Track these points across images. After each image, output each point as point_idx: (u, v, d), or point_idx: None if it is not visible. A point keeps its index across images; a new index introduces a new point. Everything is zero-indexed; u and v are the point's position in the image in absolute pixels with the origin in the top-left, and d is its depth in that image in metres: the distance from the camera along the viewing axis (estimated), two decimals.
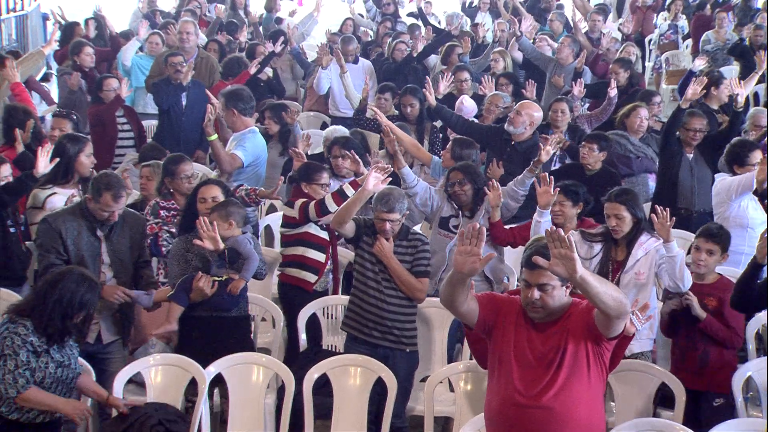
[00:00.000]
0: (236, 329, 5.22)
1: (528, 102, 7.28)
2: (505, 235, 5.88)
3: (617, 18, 13.98)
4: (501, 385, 3.84)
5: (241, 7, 12.72)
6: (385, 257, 5.16)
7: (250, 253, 5.15)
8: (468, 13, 13.53)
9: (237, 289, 5.11)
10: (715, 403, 4.93)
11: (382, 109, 8.28)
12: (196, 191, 5.47)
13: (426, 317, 5.51)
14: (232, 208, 5.20)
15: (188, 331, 5.17)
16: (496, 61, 9.67)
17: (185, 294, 5.07)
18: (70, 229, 5.02)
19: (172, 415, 4.63)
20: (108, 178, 5.08)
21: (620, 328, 3.75)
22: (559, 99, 7.68)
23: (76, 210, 5.13)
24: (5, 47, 13.36)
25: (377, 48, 11.20)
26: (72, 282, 4.35)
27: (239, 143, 6.77)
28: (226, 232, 5.13)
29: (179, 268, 5.19)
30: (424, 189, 6.01)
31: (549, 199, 5.53)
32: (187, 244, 5.19)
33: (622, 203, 5.15)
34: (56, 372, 4.37)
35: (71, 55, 9.04)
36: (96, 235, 5.09)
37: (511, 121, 6.93)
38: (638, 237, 5.14)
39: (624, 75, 8.59)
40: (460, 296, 3.79)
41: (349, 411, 4.89)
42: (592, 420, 3.82)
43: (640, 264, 5.11)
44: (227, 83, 8.37)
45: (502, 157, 6.81)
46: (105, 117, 7.91)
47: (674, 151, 6.90)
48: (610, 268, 5.14)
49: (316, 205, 5.73)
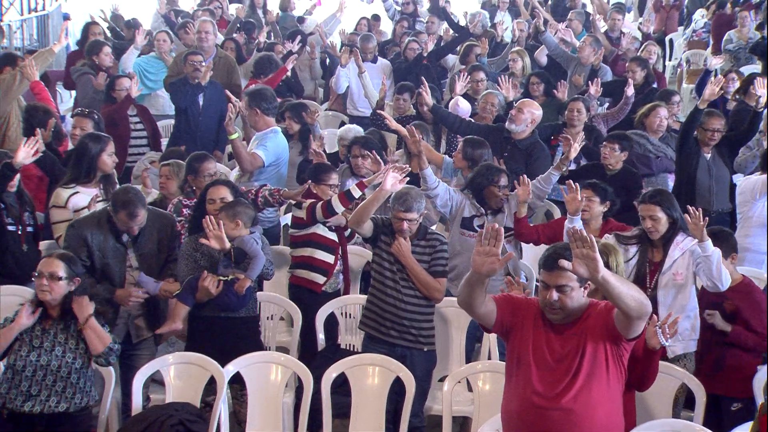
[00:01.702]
0: (244, 330, 5.24)
1: (529, 100, 7.30)
2: (530, 232, 5.88)
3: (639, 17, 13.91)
4: (519, 386, 3.83)
5: (260, 6, 12.76)
6: (402, 257, 5.16)
7: (256, 252, 5.16)
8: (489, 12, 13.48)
9: (242, 289, 5.12)
10: (733, 407, 4.89)
11: (401, 109, 8.29)
12: (204, 192, 5.50)
13: (444, 317, 5.51)
14: (239, 208, 5.22)
15: (197, 331, 5.21)
16: (514, 60, 9.64)
17: (191, 294, 5.10)
18: (96, 236, 5.09)
19: (193, 415, 4.66)
20: (126, 196, 5.09)
21: (640, 329, 3.73)
22: (575, 98, 7.65)
23: (102, 216, 5.19)
24: (26, 47, 13.47)
25: (394, 47, 11.21)
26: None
27: (261, 142, 6.79)
28: (233, 232, 5.15)
29: (187, 268, 5.21)
30: (445, 190, 6.01)
31: (578, 206, 5.50)
32: (195, 244, 5.21)
33: (657, 204, 5.11)
34: (37, 359, 4.43)
35: (89, 55, 9.02)
36: (121, 241, 5.14)
37: (513, 118, 6.93)
38: (674, 237, 5.11)
39: (641, 74, 8.54)
40: (478, 297, 3.78)
41: (367, 410, 4.89)
42: (611, 421, 3.80)
43: (678, 264, 5.07)
44: (259, 81, 8.37)
45: (503, 155, 6.80)
46: (116, 116, 7.91)
47: (692, 151, 6.86)
48: (647, 270, 5.10)
49: (323, 205, 5.73)
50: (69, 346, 4.52)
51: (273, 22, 11.94)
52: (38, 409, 4.46)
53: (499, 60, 10.17)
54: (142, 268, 5.19)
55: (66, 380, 4.50)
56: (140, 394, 4.80)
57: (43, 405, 4.47)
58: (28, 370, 4.45)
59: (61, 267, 4.52)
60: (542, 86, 8.59)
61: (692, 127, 6.87)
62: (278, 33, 11.62)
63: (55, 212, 5.75)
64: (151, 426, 4.54)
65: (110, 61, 8.97)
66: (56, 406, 4.47)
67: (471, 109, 8.04)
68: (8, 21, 15.13)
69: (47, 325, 4.53)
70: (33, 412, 4.46)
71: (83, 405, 4.56)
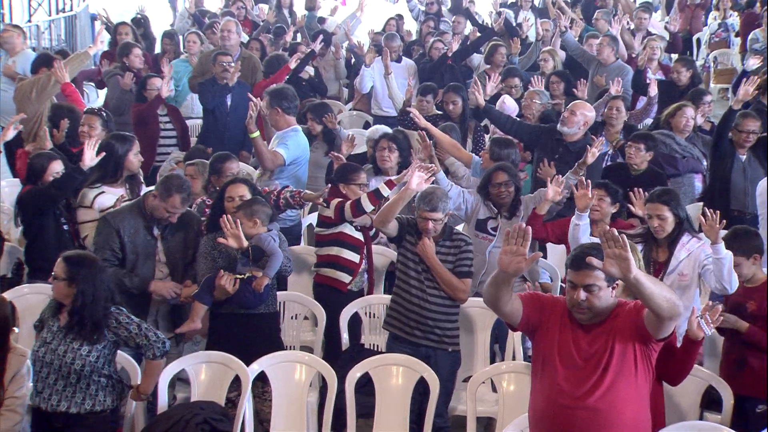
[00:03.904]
0: (264, 326, 5.25)
1: (582, 102, 7.20)
2: (540, 230, 5.79)
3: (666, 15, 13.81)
4: (545, 386, 3.81)
5: (286, 6, 12.79)
6: (427, 257, 5.15)
7: (274, 250, 5.16)
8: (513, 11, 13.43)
9: (260, 287, 5.12)
10: (758, 409, 4.84)
11: (424, 110, 8.27)
12: (223, 190, 5.51)
13: (468, 317, 5.50)
14: (257, 207, 5.22)
15: (217, 328, 5.22)
16: (546, 60, 9.60)
17: (209, 293, 5.11)
18: (128, 227, 5.12)
19: (218, 414, 4.67)
20: (180, 181, 5.20)
21: (670, 329, 3.70)
22: (615, 97, 7.60)
23: (134, 208, 5.23)
24: (54, 47, 13.59)
25: (419, 47, 11.20)
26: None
27: (281, 141, 6.81)
28: (250, 230, 5.16)
29: (206, 266, 5.22)
30: (458, 193, 5.97)
31: (587, 203, 5.48)
32: (213, 243, 5.22)
33: (664, 203, 5.08)
34: (39, 350, 4.42)
35: (120, 56, 9.13)
36: (152, 233, 5.17)
37: (565, 121, 6.84)
38: (680, 237, 5.07)
39: (686, 74, 8.48)
40: (504, 296, 3.77)
41: (391, 410, 4.89)
42: (639, 422, 3.78)
43: (683, 265, 5.04)
44: (269, 81, 8.42)
45: (554, 157, 6.74)
46: (146, 115, 8.00)
47: (726, 153, 6.78)
48: (651, 270, 5.06)
49: (351, 204, 5.73)
50: (73, 347, 4.39)
51: (301, 27, 11.95)
52: (44, 407, 4.42)
53: (525, 59, 10.14)
54: (169, 264, 5.20)
55: (66, 380, 4.40)
56: (166, 392, 4.82)
57: (46, 403, 4.41)
58: (37, 365, 4.43)
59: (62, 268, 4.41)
60: (562, 85, 8.57)
61: (726, 129, 6.78)
62: (305, 34, 11.65)
63: (81, 212, 5.79)
64: (176, 424, 4.54)
65: (140, 62, 9.06)
66: (57, 405, 4.40)
67: (518, 109, 8.02)
68: (36, 22, 15.30)
69: (62, 323, 4.46)
70: (42, 408, 4.42)
71: (90, 409, 4.43)
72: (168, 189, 5.11)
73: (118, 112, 8.67)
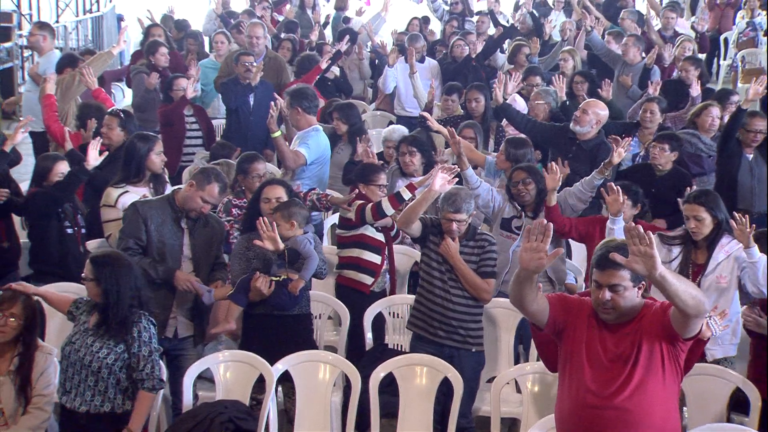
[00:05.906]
0: (297, 327, 5.25)
1: (594, 101, 7.18)
2: (561, 222, 5.70)
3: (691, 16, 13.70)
4: (573, 386, 3.79)
5: (310, 6, 12.82)
6: (451, 257, 5.14)
7: (309, 252, 5.17)
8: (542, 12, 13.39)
9: (296, 290, 5.13)
10: None
11: (449, 110, 8.26)
12: (260, 191, 5.52)
13: (492, 318, 5.48)
14: (294, 209, 5.23)
15: (250, 329, 5.23)
16: (566, 60, 9.55)
17: (244, 294, 5.12)
18: (155, 216, 5.11)
19: (243, 413, 4.68)
20: (218, 171, 5.22)
21: (697, 327, 3.68)
22: (650, 99, 7.56)
23: (164, 200, 5.25)
24: (81, 48, 13.72)
25: (443, 47, 11.18)
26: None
27: (303, 141, 6.82)
28: (287, 233, 5.16)
29: (240, 267, 5.23)
30: (487, 191, 5.97)
31: (619, 207, 5.43)
32: (248, 243, 5.23)
33: (702, 204, 5.03)
34: (65, 348, 4.42)
35: (146, 55, 9.23)
36: (180, 225, 5.18)
37: (577, 120, 6.84)
38: (719, 239, 5.02)
39: (694, 72, 8.42)
40: (528, 294, 3.75)
41: (415, 410, 4.88)
42: (667, 422, 3.75)
43: (722, 267, 4.99)
44: (301, 81, 8.43)
45: (567, 156, 6.72)
46: (172, 116, 8.05)
47: (733, 152, 6.72)
48: (690, 272, 5.02)
49: (373, 207, 5.72)
50: (91, 348, 4.37)
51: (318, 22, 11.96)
52: (69, 406, 4.40)
53: (548, 59, 10.09)
54: (193, 260, 5.20)
55: (85, 381, 4.38)
56: (190, 391, 4.83)
57: (72, 402, 4.39)
58: (63, 363, 4.44)
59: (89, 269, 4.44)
60: (586, 85, 8.52)
61: (735, 128, 6.73)
62: (323, 34, 11.67)
63: (105, 211, 5.83)
64: (201, 423, 4.56)
65: (165, 61, 9.15)
66: (80, 406, 4.37)
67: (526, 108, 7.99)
68: (64, 22, 15.44)
69: (91, 323, 4.47)
70: (67, 407, 4.42)
71: (109, 411, 4.40)
72: (207, 177, 5.12)
73: (141, 110, 8.76)
